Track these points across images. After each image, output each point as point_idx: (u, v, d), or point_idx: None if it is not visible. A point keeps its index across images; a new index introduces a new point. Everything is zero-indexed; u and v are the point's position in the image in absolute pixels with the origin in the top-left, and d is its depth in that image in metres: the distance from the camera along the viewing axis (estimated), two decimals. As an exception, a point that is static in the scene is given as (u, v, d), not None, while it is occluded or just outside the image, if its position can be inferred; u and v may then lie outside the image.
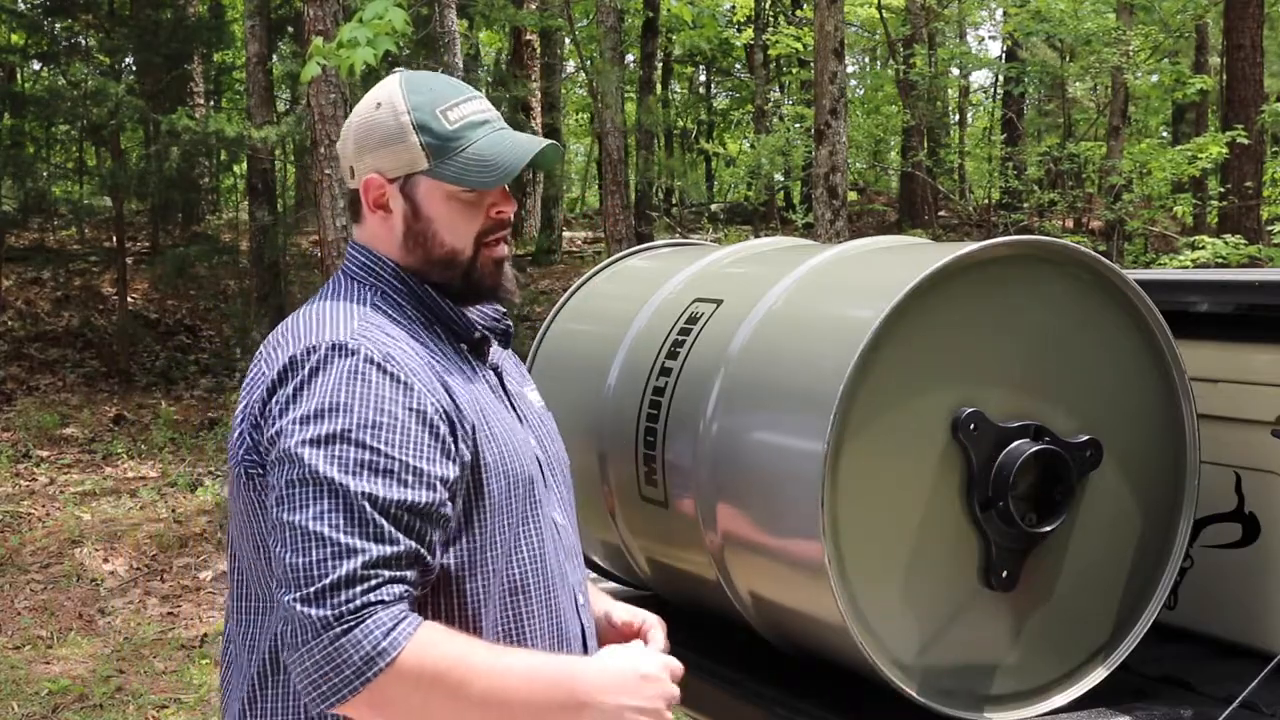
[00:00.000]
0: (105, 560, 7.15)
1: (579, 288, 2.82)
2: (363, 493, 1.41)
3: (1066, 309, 2.06)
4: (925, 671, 1.98)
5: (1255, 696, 1.91)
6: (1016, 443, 1.98)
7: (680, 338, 2.31)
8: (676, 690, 1.58)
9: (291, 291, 11.84)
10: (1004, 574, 2.00)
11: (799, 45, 15.46)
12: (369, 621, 1.36)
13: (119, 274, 12.26)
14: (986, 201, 16.24)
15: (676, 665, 1.62)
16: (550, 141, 1.67)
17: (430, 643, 1.39)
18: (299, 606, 1.37)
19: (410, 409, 1.47)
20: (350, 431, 1.43)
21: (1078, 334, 2.07)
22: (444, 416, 1.50)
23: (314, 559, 1.38)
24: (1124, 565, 2.13)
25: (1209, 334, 2.38)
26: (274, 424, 1.47)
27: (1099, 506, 2.08)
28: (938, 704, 1.97)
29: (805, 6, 17.10)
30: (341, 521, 1.39)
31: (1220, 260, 8.96)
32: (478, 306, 1.73)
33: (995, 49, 20.94)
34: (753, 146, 16.57)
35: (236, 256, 13.04)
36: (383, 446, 1.43)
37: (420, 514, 1.44)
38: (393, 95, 1.63)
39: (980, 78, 22.00)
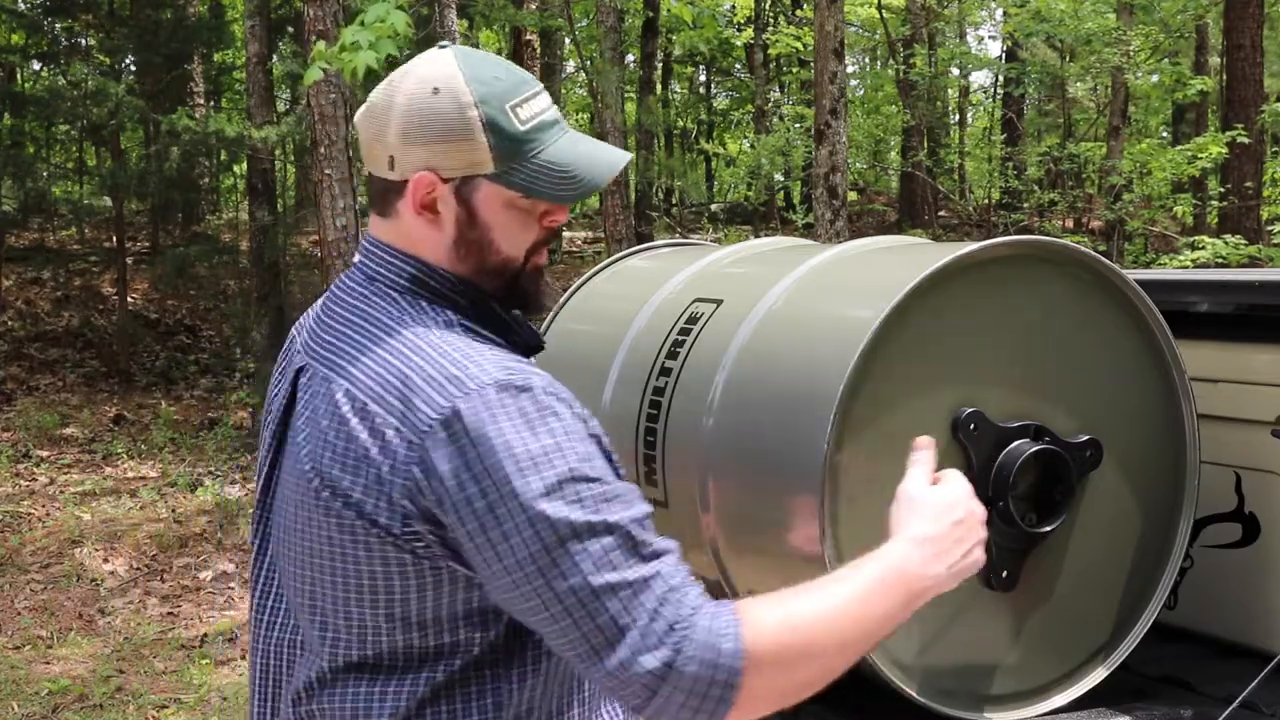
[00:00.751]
0: (105, 560, 7.15)
1: (579, 288, 2.82)
2: (622, 520, 1.30)
3: (1066, 309, 2.06)
4: (925, 671, 1.98)
5: (1255, 696, 1.91)
6: (1016, 443, 1.98)
7: (680, 338, 2.31)
8: (980, 508, 1.51)
9: (292, 291, 11.84)
10: (1004, 574, 2.00)
11: (799, 45, 15.48)
12: (699, 635, 1.27)
13: (119, 274, 12.27)
14: (986, 201, 16.25)
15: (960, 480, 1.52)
16: (629, 155, 1.50)
17: (762, 619, 1.31)
18: (633, 666, 1.26)
19: (592, 435, 1.36)
20: (575, 470, 1.30)
21: (1078, 334, 2.08)
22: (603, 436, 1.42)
23: (617, 609, 1.27)
24: (1124, 565, 2.13)
25: (1209, 334, 2.38)
26: (471, 492, 1.28)
27: (1099, 506, 2.08)
28: (938, 704, 1.97)
29: (805, 6, 17.11)
30: (621, 559, 1.28)
31: (1220, 260, 8.97)
32: None
33: (995, 49, 20.96)
34: (753, 146, 16.58)
35: (236, 256, 13.05)
36: (602, 475, 1.32)
37: (653, 519, 1.36)
38: (453, 81, 1.40)
39: (980, 78, 22.02)
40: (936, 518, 1.47)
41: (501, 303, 1.48)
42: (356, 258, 1.51)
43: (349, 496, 1.34)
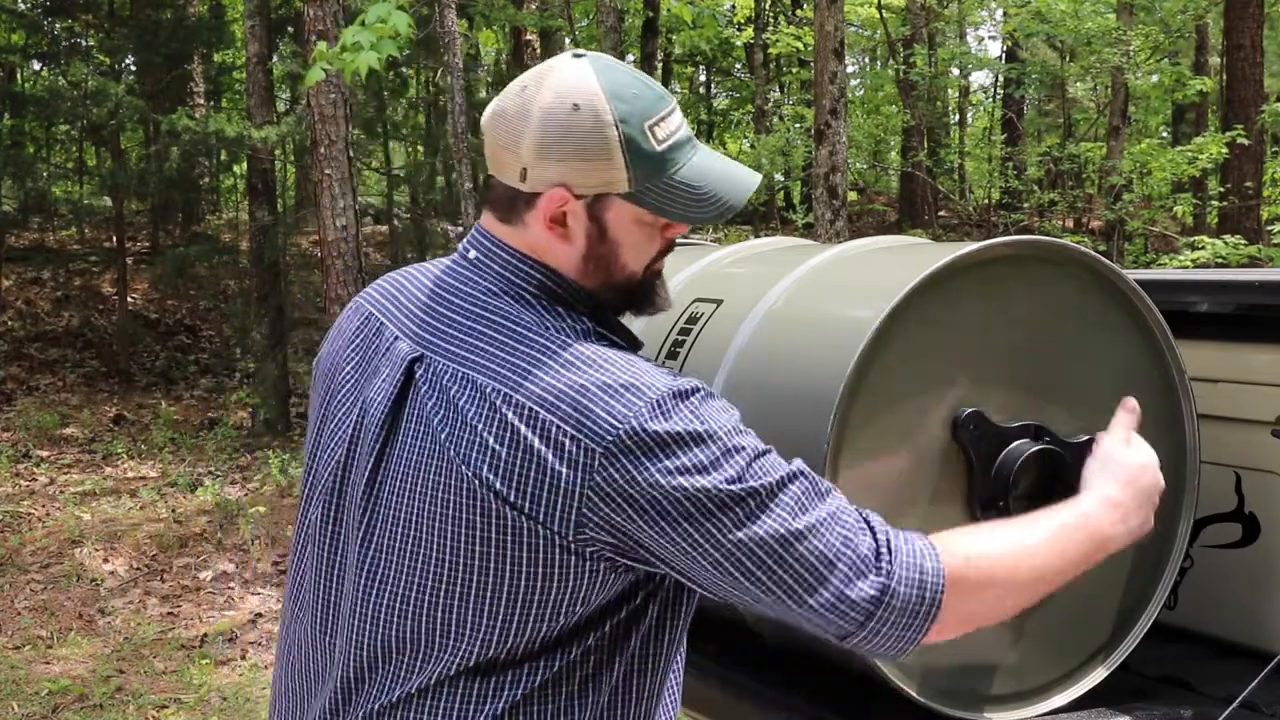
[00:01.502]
0: (105, 560, 7.15)
1: (579, 288, 2.81)
2: (800, 467, 1.39)
3: (1066, 309, 2.06)
4: (925, 671, 1.98)
5: (1255, 696, 1.91)
6: (1016, 443, 1.97)
7: (680, 338, 2.31)
8: (1161, 481, 1.65)
9: (292, 291, 11.85)
10: (1004, 574, 2.00)
11: (799, 45, 15.49)
12: (902, 555, 1.36)
13: (119, 274, 12.28)
14: (986, 201, 16.26)
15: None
16: (759, 176, 1.51)
17: (952, 545, 1.41)
18: (849, 594, 1.34)
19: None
20: (755, 448, 1.37)
21: (1078, 334, 2.07)
22: None
23: (824, 544, 1.34)
24: (1124, 565, 2.13)
25: (1209, 334, 2.38)
26: (665, 493, 1.32)
27: (1099, 506, 2.08)
28: (938, 704, 1.97)
29: (805, 6, 17.12)
30: (810, 501, 1.36)
31: (1220, 260, 8.97)
32: None
33: (995, 49, 20.97)
34: (753, 146, 16.57)
35: (236, 256, 13.06)
36: (769, 448, 1.40)
37: None
38: (594, 99, 1.40)
39: (980, 78, 22.02)
40: (1128, 482, 1.59)
41: (615, 311, 1.52)
42: (471, 253, 1.49)
43: (515, 502, 1.33)
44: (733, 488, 1.33)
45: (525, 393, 1.34)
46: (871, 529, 1.38)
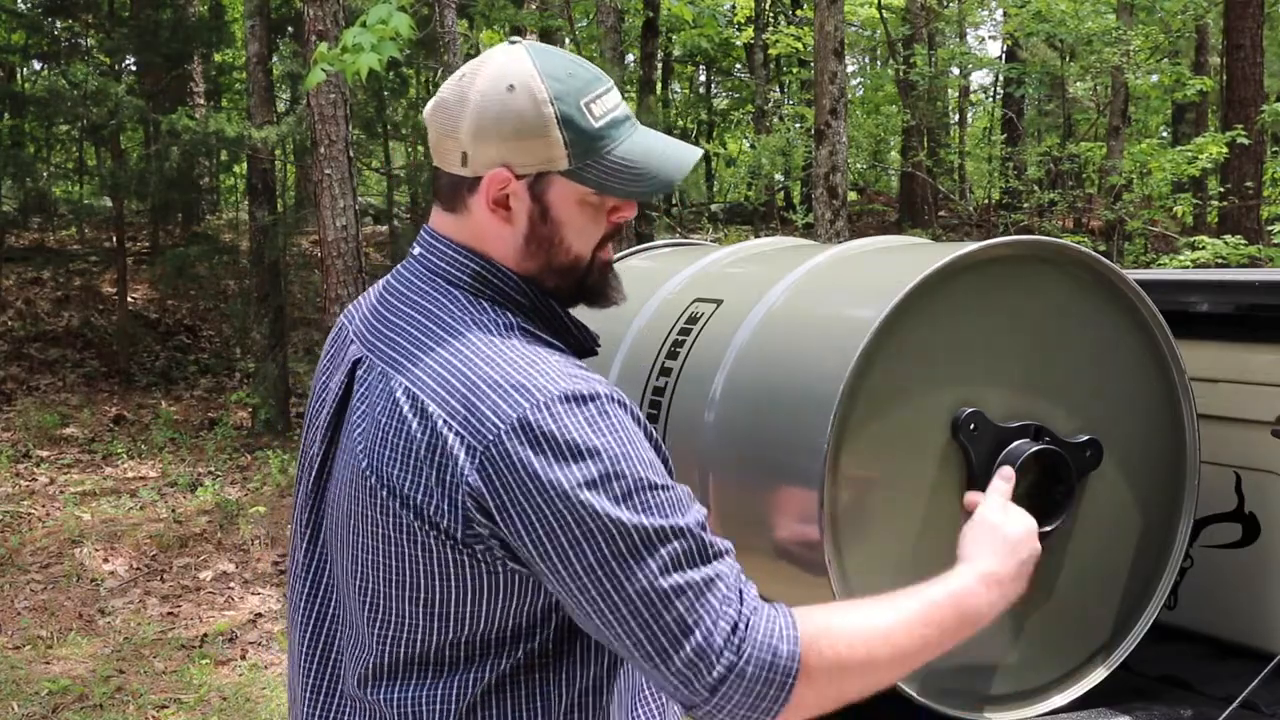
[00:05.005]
0: (105, 560, 7.15)
1: (579, 288, 2.82)
2: (689, 524, 1.32)
3: (1066, 309, 2.07)
4: (925, 671, 1.97)
5: (1255, 696, 1.91)
6: (1016, 443, 1.98)
7: (680, 338, 2.31)
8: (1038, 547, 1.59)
9: (292, 291, 11.84)
10: (1004, 574, 2.00)
11: (799, 45, 15.49)
12: (759, 636, 1.30)
13: (119, 274, 12.27)
14: (986, 201, 16.27)
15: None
16: (699, 151, 1.49)
17: (819, 628, 1.34)
18: (698, 665, 1.28)
19: (650, 439, 1.37)
20: (641, 477, 1.31)
21: (1078, 334, 2.08)
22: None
23: (683, 610, 1.29)
24: (1124, 565, 2.13)
25: (1209, 334, 2.38)
26: (538, 501, 1.28)
27: (1099, 506, 2.09)
28: (938, 704, 1.97)
29: (805, 6, 17.12)
30: (686, 562, 1.30)
31: (1220, 260, 8.97)
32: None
33: (995, 49, 20.97)
34: (753, 146, 16.58)
35: (236, 256, 13.06)
36: (665, 481, 1.34)
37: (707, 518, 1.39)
38: (528, 79, 1.40)
39: (980, 78, 22.02)
40: (1008, 554, 1.53)
41: (565, 300, 1.48)
42: (416, 250, 1.49)
43: (407, 497, 1.33)
44: (609, 513, 1.28)
45: (422, 386, 1.34)
46: (741, 600, 1.32)
